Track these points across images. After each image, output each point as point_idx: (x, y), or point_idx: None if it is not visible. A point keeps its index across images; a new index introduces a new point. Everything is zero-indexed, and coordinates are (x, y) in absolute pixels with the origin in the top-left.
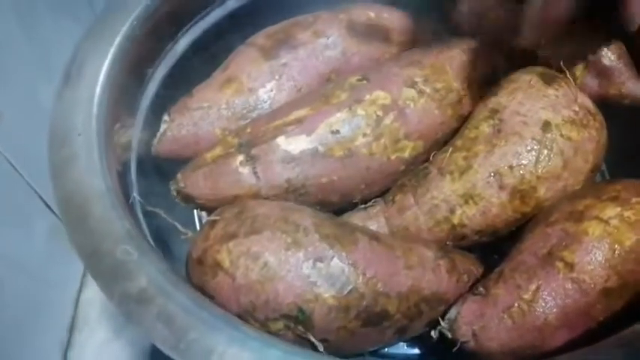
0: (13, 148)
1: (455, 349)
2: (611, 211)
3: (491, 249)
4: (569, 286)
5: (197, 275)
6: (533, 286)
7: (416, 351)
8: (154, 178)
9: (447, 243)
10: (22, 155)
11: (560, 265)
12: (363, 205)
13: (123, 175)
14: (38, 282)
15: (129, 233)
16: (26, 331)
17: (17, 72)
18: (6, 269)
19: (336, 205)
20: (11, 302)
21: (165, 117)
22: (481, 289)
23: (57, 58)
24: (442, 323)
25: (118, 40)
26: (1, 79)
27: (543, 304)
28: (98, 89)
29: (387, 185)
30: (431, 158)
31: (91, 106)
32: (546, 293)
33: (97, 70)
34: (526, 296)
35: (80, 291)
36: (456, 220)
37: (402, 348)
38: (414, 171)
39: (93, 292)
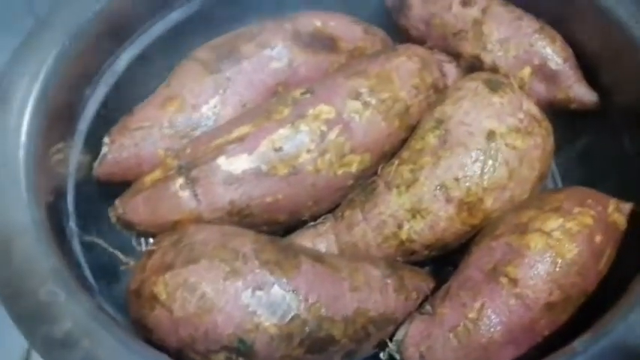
0: None
1: None
2: (553, 223)
3: (445, 261)
4: (512, 302)
5: (135, 309)
6: (477, 304)
7: None
8: (97, 203)
9: (397, 259)
10: None
11: (504, 280)
12: (312, 223)
13: (57, 206)
14: None
15: (55, 271)
16: None
17: None
18: None
19: (283, 224)
20: None
21: (106, 139)
22: (428, 307)
23: None
24: (390, 345)
25: (50, 58)
26: None
27: (488, 322)
28: (27, 116)
29: (336, 201)
30: (379, 172)
31: (18, 134)
32: (490, 310)
33: (25, 94)
34: (471, 315)
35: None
36: (404, 236)
37: None
38: (362, 185)
39: None
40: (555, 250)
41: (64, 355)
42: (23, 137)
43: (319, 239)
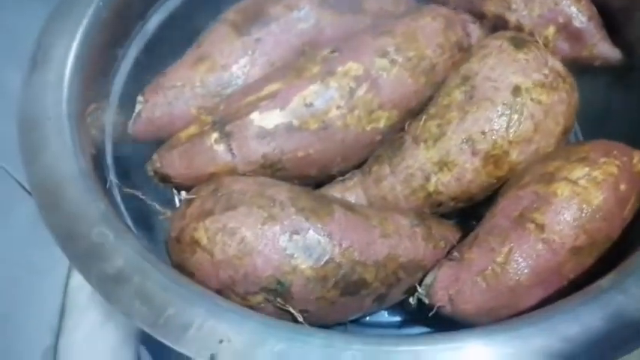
0: None
1: (431, 313)
2: (579, 172)
3: (470, 214)
4: (540, 246)
5: (176, 253)
6: (505, 249)
7: (397, 318)
8: (131, 159)
9: (425, 210)
10: None
11: (531, 226)
12: (341, 178)
13: (98, 158)
14: (26, 269)
15: (104, 215)
16: (16, 319)
17: None
18: None
19: (314, 179)
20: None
21: (140, 98)
22: (456, 254)
23: (24, 43)
24: (419, 289)
25: (84, 21)
26: None
27: (515, 266)
28: (67, 72)
29: (364, 156)
30: (406, 127)
31: (61, 89)
32: (518, 255)
33: (64, 52)
34: (499, 259)
35: (68, 277)
36: (431, 188)
37: (383, 316)
38: (390, 141)
39: (81, 278)
40: (581, 197)
41: (117, 290)
42: (65, 92)
43: (348, 193)
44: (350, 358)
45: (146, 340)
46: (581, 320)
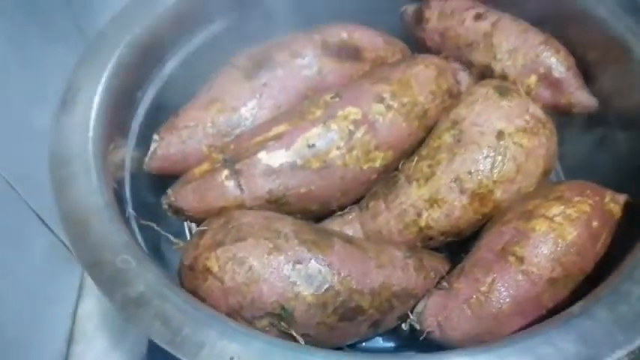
0: (11, 169)
1: (422, 337)
2: (555, 210)
3: (458, 248)
4: (520, 277)
5: (189, 280)
6: (489, 279)
7: (391, 344)
8: (146, 193)
9: (417, 244)
10: (19, 176)
11: (512, 259)
12: (339, 212)
13: (118, 192)
14: (37, 297)
15: (127, 244)
16: (27, 344)
17: (11, 96)
18: (7, 285)
19: (315, 213)
20: (12, 317)
21: (155, 136)
22: (445, 283)
23: (48, 81)
24: (411, 316)
25: (109, 66)
26: None
27: (498, 295)
28: (93, 114)
29: (362, 193)
30: (400, 167)
31: (87, 129)
32: (500, 285)
33: (91, 95)
34: (483, 288)
35: (77, 305)
36: (422, 223)
37: (378, 342)
38: (385, 179)
39: (89, 306)
40: (557, 233)
41: (139, 312)
42: (91, 132)
43: (346, 227)
44: None
45: None
46: (553, 342)
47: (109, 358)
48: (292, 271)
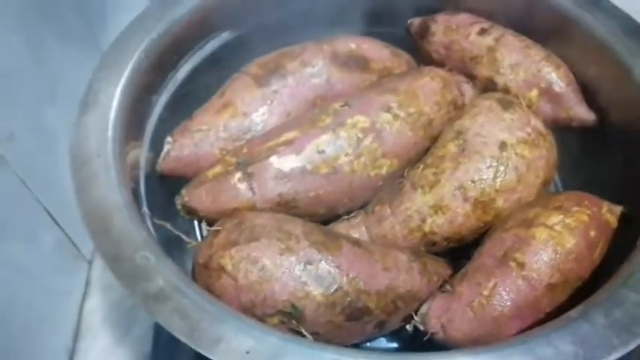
0: (24, 166)
1: (426, 338)
2: (555, 219)
3: (460, 254)
4: (520, 282)
5: (203, 278)
6: (491, 284)
7: (394, 344)
8: (158, 193)
9: (420, 248)
10: (31, 173)
11: (513, 264)
12: (346, 216)
13: (135, 191)
14: (45, 291)
15: (146, 241)
16: (35, 337)
17: (26, 97)
18: (17, 279)
19: (322, 217)
20: (21, 311)
21: (169, 139)
22: (448, 287)
23: (61, 82)
24: (415, 318)
25: (127, 70)
26: (12, 104)
27: (499, 299)
28: (112, 115)
29: (368, 198)
30: (405, 174)
31: (106, 130)
32: (501, 289)
33: (110, 98)
34: (485, 292)
35: (83, 300)
36: (427, 229)
37: (382, 342)
38: (391, 185)
39: (95, 301)
40: (556, 240)
41: (158, 306)
42: (110, 133)
43: (352, 230)
44: None
45: None
46: (553, 344)
47: (115, 354)
48: (303, 271)
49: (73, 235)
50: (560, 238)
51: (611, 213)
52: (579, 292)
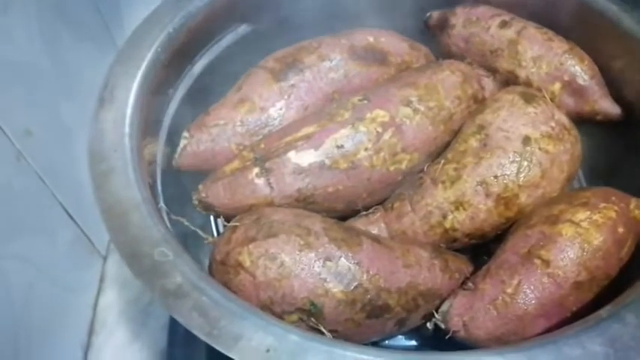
0: (41, 163)
1: (447, 337)
2: (581, 215)
3: (481, 250)
4: (545, 280)
5: (221, 275)
6: (515, 281)
7: (413, 342)
8: (174, 188)
9: (441, 245)
10: (48, 169)
11: (538, 262)
12: (365, 212)
13: (153, 187)
14: (61, 287)
15: (164, 237)
16: (50, 332)
17: (43, 93)
18: (33, 275)
19: (340, 212)
20: (38, 305)
21: (185, 133)
22: (470, 284)
23: (78, 79)
24: (436, 315)
25: (144, 65)
26: (30, 101)
27: (524, 297)
28: (129, 110)
29: (387, 194)
30: (425, 169)
31: (124, 125)
32: (526, 287)
33: (127, 93)
34: (509, 290)
35: (98, 296)
36: (448, 225)
37: (401, 340)
38: (411, 181)
39: (110, 298)
40: (583, 237)
41: (177, 303)
42: (127, 128)
43: (371, 227)
44: None
45: None
46: (582, 344)
47: (129, 349)
48: (322, 268)
49: (89, 231)
50: (587, 235)
51: (639, 209)
52: (606, 290)
